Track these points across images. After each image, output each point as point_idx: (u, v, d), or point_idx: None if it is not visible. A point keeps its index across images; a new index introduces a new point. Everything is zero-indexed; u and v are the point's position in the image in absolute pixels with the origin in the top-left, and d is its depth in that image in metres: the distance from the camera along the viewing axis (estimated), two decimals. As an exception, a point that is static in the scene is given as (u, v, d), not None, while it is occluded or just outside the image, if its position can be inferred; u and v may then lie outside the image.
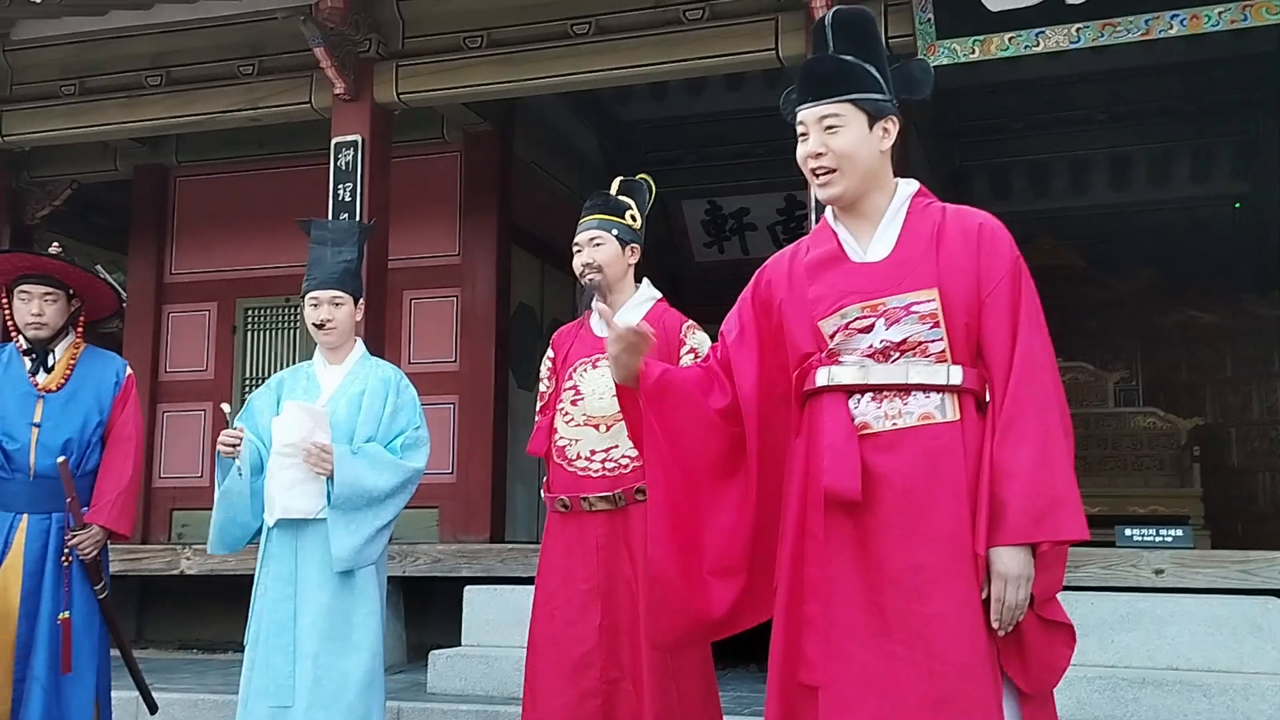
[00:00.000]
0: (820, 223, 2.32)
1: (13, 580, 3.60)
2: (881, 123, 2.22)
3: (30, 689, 3.57)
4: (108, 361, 3.93)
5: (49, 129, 7.30)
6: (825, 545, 2.11)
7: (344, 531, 3.35)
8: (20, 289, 3.76)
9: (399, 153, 6.98)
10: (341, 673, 3.32)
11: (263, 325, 8.38)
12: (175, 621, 7.63)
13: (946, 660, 2.00)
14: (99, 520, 3.68)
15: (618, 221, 3.37)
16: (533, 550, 5.95)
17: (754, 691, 5.05)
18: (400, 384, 3.63)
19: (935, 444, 2.09)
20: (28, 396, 3.71)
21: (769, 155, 9.38)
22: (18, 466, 3.68)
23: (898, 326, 2.13)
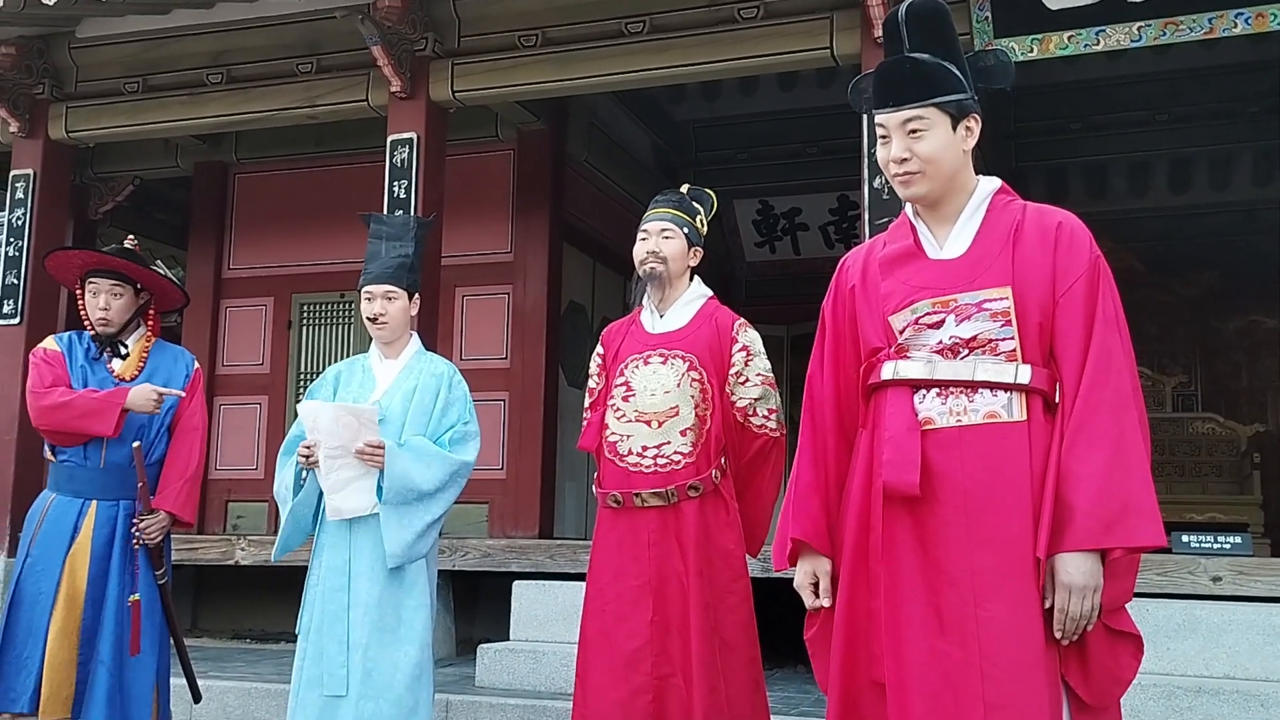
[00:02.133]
0: (899, 218, 2.30)
1: (81, 565, 3.69)
2: (965, 122, 2.19)
3: (95, 671, 3.64)
4: (178, 355, 4.04)
5: (112, 126, 7.44)
6: (884, 541, 2.10)
7: (396, 527, 3.37)
8: (90, 282, 3.87)
9: (453, 150, 7.04)
10: (391, 664, 3.34)
11: (318, 320, 8.49)
12: (229, 611, 7.75)
13: (1000, 665, 1.97)
14: (165, 506, 3.77)
15: (689, 221, 3.40)
16: (581, 546, 5.98)
17: (801, 692, 5.03)
18: (453, 379, 3.64)
19: (1000, 443, 2.06)
20: (106, 383, 3.81)
21: (822, 155, 9.36)
22: (90, 454, 3.77)
23: (968, 323, 2.11)
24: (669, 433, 3.20)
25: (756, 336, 3.34)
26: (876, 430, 2.14)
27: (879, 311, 2.20)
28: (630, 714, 3.06)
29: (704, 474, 3.18)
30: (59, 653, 3.61)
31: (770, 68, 6.62)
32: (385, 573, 3.39)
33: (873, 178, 5.43)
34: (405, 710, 3.33)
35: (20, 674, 3.61)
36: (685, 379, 3.23)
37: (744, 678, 3.08)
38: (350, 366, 3.73)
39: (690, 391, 3.22)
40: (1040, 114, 8.97)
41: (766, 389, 3.27)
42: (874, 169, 5.39)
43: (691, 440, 3.19)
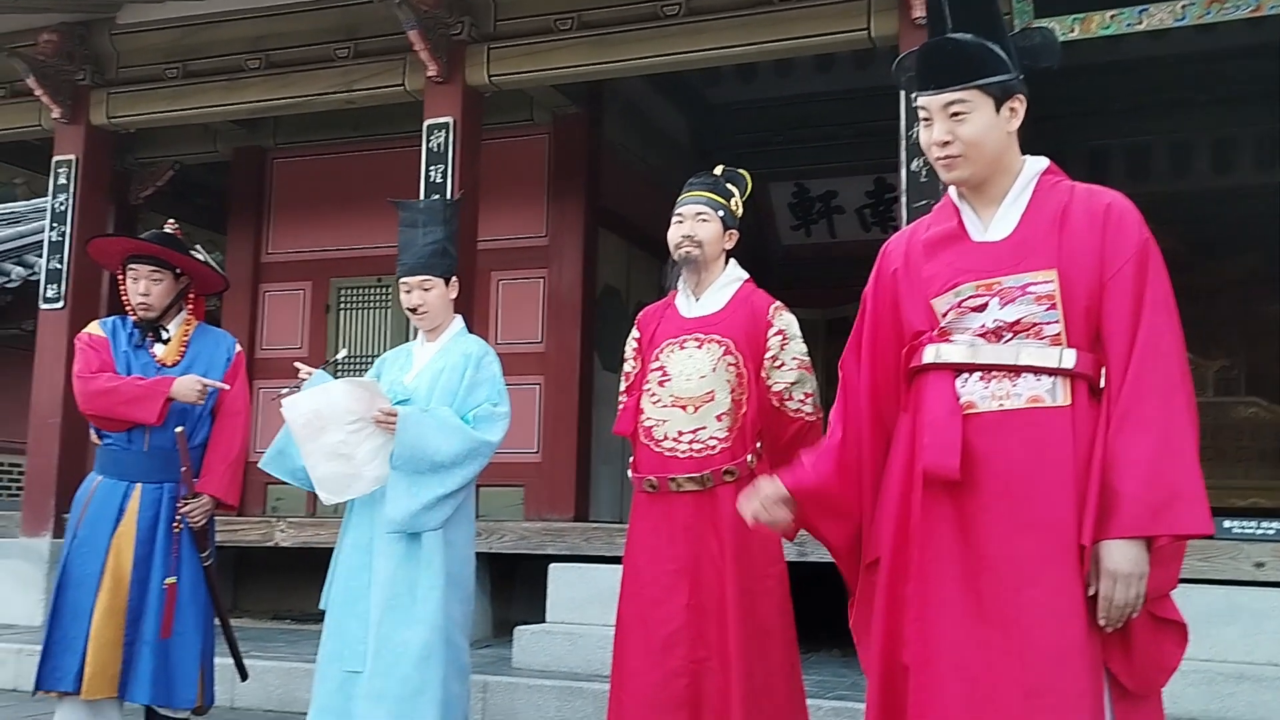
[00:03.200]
0: (943, 200, 2.28)
1: (126, 547, 3.75)
2: (1009, 103, 2.16)
3: (139, 651, 3.70)
4: (219, 339, 4.08)
5: (152, 111, 7.51)
6: (924, 525, 2.09)
7: (403, 493, 3.35)
8: (130, 268, 3.92)
9: (489, 135, 7.05)
10: (400, 642, 3.35)
11: (356, 304, 8.55)
12: (269, 592, 7.85)
13: (1039, 650, 1.95)
14: (209, 490, 3.82)
15: (724, 204, 3.38)
16: (617, 530, 6.00)
17: (837, 675, 5.03)
18: (482, 359, 3.61)
19: (1042, 428, 2.04)
20: (148, 368, 3.86)
21: (859, 137, 9.27)
22: (135, 438, 3.83)
23: (1012, 306, 2.08)
24: (705, 417, 3.20)
25: (793, 320, 3.33)
26: (917, 414, 2.13)
27: (922, 294, 2.18)
28: (666, 697, 3.07)
29: (740, 459, 3.17)
30: (104, 632, 3.67)
31: (807, 50, 6.58)
32: (402, 551, 3.40)
33: (910, 160, 5.39)
34: (412, 690, 3.32)
35: (66, 653, 3.67)
36: (721, 363, 3.22)
37: (780, 661, 3.08)
38: (396, 354, 3.77)
39: (726, 376, 3.22)
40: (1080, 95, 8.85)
41: (802, 373, 3.26)
42: (912, 151, 5.35)
43: (727, 425, 3.19)
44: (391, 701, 3.29)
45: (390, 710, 3.29)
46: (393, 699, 3.30)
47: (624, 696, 3.15)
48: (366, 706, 3.32)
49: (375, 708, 3.30)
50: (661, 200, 3.48)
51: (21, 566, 7.07)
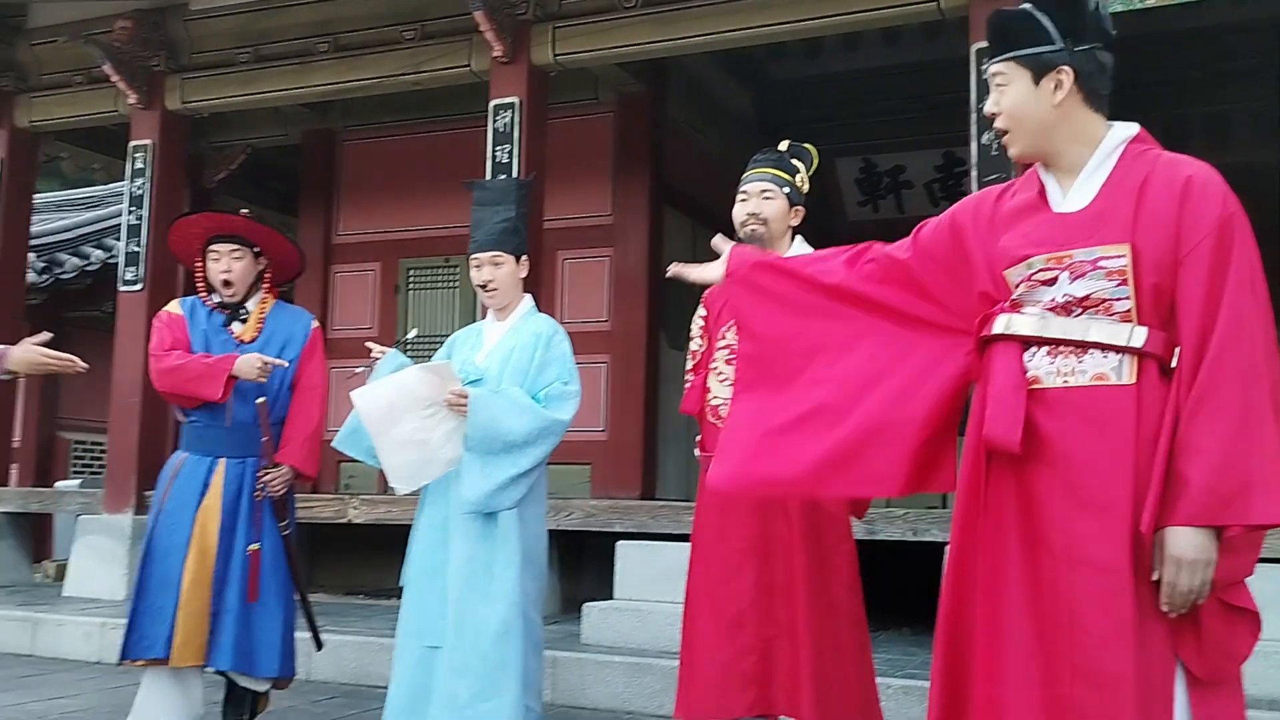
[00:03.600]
0: (1032, 167, 2.23)
1: (211, 519, 3.86)
2: (1051, 76, 2.11)
3: (223, 620, 3.81)
4: (296, 315, 4.18)
5: (225, 96, 7.64)
6: (990, 498, 2.08)
7: (477, 474, 3.38)
8: (211, 249, 4.01)
9: (554, 114, 7.07)
10: (479, 619, 3.39)
11: (424, 284, 8.64)
12: (343, 568, 8.00)
13: (1087, 630, 1.94)
14: (288, 460, 3.94)
15: (789, 180, 3.35)
16: (684, 508, 6.01)
17: (906, 654, 5.01)
18: (552, 339, 3.61)
19: (1105, 407, 2.00)
20: (227, 345, 3.96)
21: (927, 111, 9.15)
22: (217, 414, 3.93)
23: (1082, 281, 2.04)
24: (772, 395, 3.18)
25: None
26: (986, 386, 2.11)
27: (994, 264, 2.15)
28: (735, 675, 3.08)
29: (807, 436, 3.16)
30: (192, 602, 3.78)
31: (874, 23, 6.50)
32: (478, 529, 3.44)
33: (981, 133, 5.31)
34: (492, 665, 3.36)
35: (155, 623, 3.78)
36: (787, 341, 3.20)
37: (849, 640, 3.07)
38: (467, 332, 3.80)
39: (792, 353, 3.20)
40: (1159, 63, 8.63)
41: (870, 351, 3.23)
42: (983, 124, 5.26)
43: (794, 402, 3.17)
44: (473, 676, 3.35)
45: (472, 685, 3.34)
46: (474, 674, 3.35)
47: (693, 674, 3.17)
48: (449, 680, 3.37)
49: (457, 681, 3.35)
50: (726, 177, 3.47)
51: (104, 543, 7.28)
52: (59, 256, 10.43)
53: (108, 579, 7.17)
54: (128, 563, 7.14)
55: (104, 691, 5.17)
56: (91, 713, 4.68)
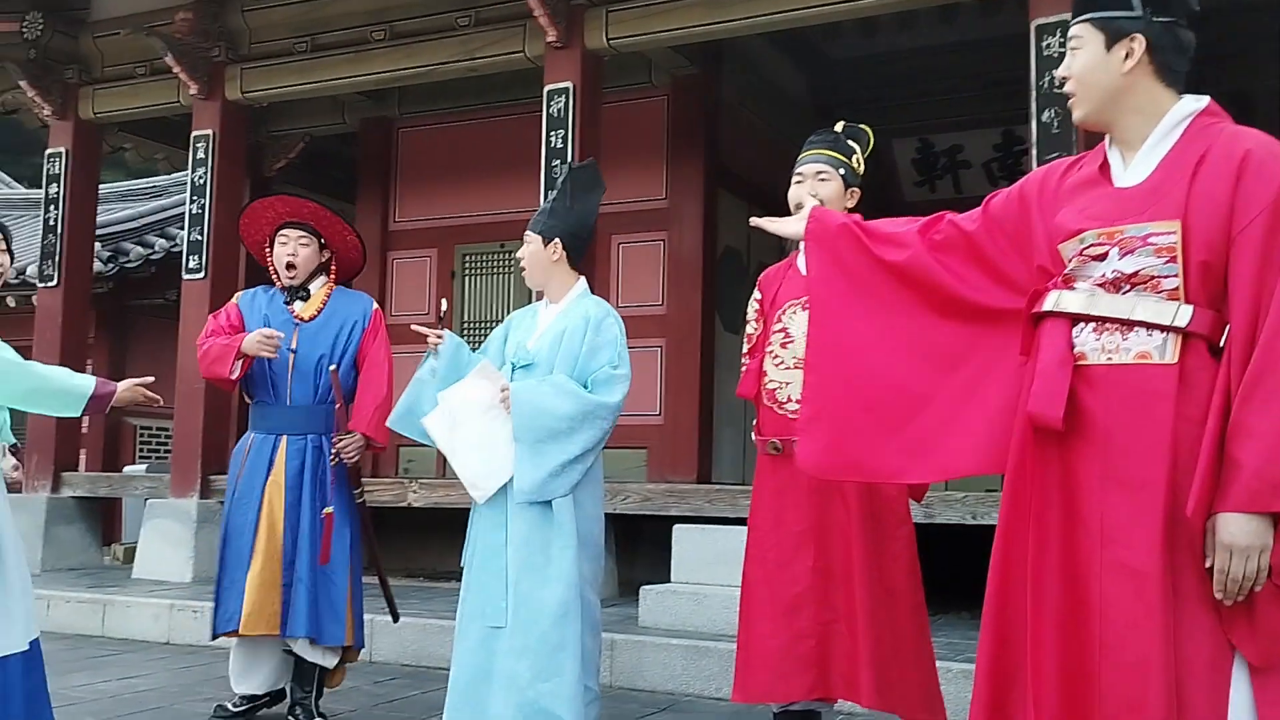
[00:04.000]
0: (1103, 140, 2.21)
1: (277, 494, 4.05)
2: (1123, 43, 2.07)
3: (295, 591, 4.00)
4: (357, 299, 4.36)
5: (283, 85, 7.74)
6: (1035, 475, 2.06)
7: (527, 464, 3.40)
8: (280, 234, 4.21)
9: (608, 98, 7.07)
10: (538, 601, 3.42)
11: (480, 270, 8.70)
12: (403, 550, 8.10)
13: (1117, 609, 1.93)
14: (359, 428, 4.11)
15: (844, 161, 3.31)
16: (740, 491, 6.01)
17: (966, 639, 4.97)
18: (602, 322, 3.60)
19: (1147, 386, 1.96)
20: (287, 324, 4.15)
21: (985, 89, 9.02)
22: (279, 394, 4.13)
23: (1131, 258, 2.01)
24: (829, 378, 3.16)
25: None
26: (1034, 361, 2.10)
27: (1050, 238, 2.13)
28: (793, 659, 3.08)
29: (864, 420, 3.13)
30: (262, 574, 3.98)
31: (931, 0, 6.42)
32: (535, 512, 3.46)
33: (1042, 111, 5.21)
34: (551, 646, 3.39)
35: (233, 598, 3.99)
36: (844, 323, 3.18)
37: (908, 624, 3.05)
38: (524, 314, 3.80)
39: (849, 336, 3.17)
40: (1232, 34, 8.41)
41: (928, 332, 3.20)
42: (1043, 101, 5.17)
43: (852, 386, 3.15)
44: (533, 657, 3.38)
45: (532, 665, 3.38)
46: (534, 654, 3.38)
47: (751, 657, 3.17)
48: (509, 661, 3.41)
49: (517, 662, 3.39)
50: (781, 159, 3.44)
51: (171, 526, 7.43)
52: (124, 245, 10.63)
53: (175, 561, 7.32)
54: (194, 545, 7.30)
55: (173, 671, 5.29)
56: (161, 692, 4.79)
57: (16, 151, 21.81)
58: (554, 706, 3.36)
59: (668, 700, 4.76)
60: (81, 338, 8.56)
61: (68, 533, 8.16)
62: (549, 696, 3.36)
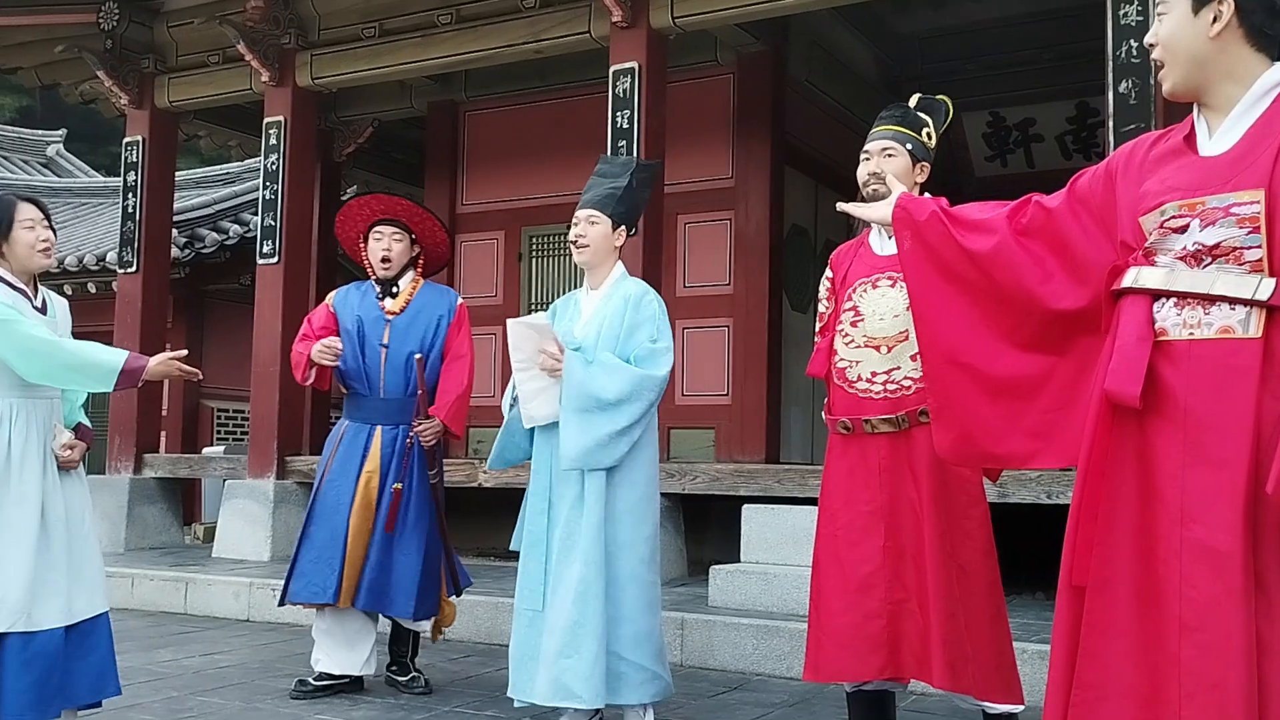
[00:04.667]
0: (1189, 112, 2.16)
1: (373, 480, 4.33)
2: (1211, 6, 2.01)
3: (391, 571, 4.27)
4: (443, 293, 4.59)
5: (352, 71, 7.82)
6: (1110, 451, 2.03)
7: (574, 431, 3.52)
8: (375, 230, 4.47)
9: (673, 78, 7.05)
10: (566, 580, 3.53)
11: (546, 252, 8.74)
12: (474, 530, 8.19)
13: (1197, 588, 1.89)
14: (438, 415, 4.37)
15: (913, 136, 3.27)
16: (809, 471, 5.98)
17: (1041, 619, 4.91)
18: (641, 299, 3.69)
19: (1229, 361, 1.91)
20: (379, 320, 4.41)
21: (1058, 60, 8.85)
22: (372, 386, 4.41)
23: (1212, 229, 1.96)
24: (899, 358, 3.13)
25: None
26: (1114, 338, 2.06)
27: (1133, 210, 2.08)
28: (864, 638, 3.06)
29: (936, 398, 3.10)
30: (355, 552, 4.26)
31: (1002, -29, 6.30)
32: (575, 492, 3.58)
33: (1119, 81, 5.08)
34: (571, 623, 3.50)
35: (325, 572, 4.24)
36: (916, 301, 3.14)
37: (983, 604, 3.02)
38: (565, 302, 3.91)
39: (921, 314, 3.14)
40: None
41: (1002, 309, 3.15)
42: (1120, 72, 5.05)
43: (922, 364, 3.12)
44: (559, 633, 3.49)
45: (558, 641, 3.48)
46: (559, 631, 3.49)
47: (822, 637, 3.15)
48: (546, 639, 3.53)
49: (549, 639, 3.51)
50: (850, 136, 3.42)
51: (249, 506, 7.59)
52: (199, 231, 10.85)
53: (253, 540, 7.48)
54: (271, 525, 7.45)
55: (253, 647, 5.42)
56: (242, 668, 4.91)
57: (94, 140, 22.34)
58: (573, 683, 3.44)
59: (739, 679, 4.77)
60: (160, 322, 8.76)
61: (150, 513, 8.38)
62: (569, 673, 3.45)
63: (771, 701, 4.34)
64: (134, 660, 5.02)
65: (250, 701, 4.24)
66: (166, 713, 4.06)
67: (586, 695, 3.43)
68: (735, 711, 4.17)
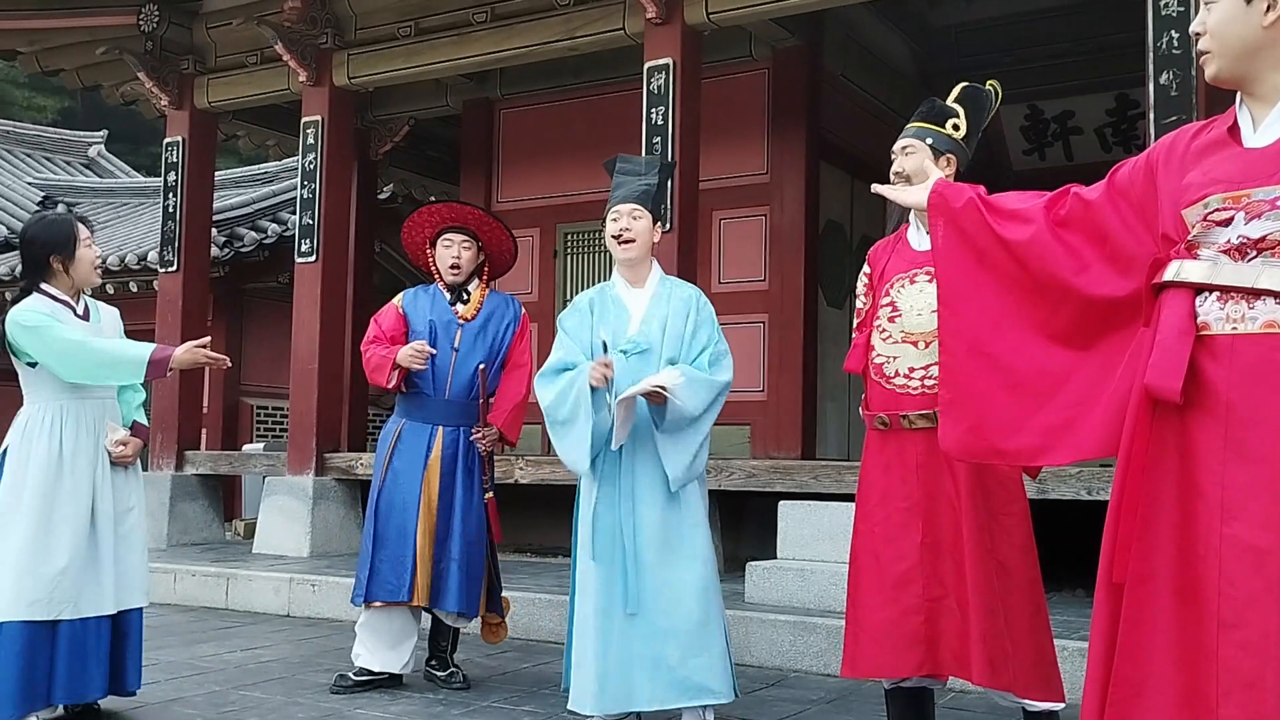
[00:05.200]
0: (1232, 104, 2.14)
1: (435, 477, 4.41)
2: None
3: (448, 567, 4.34)
4: (509, 301, 4.69)
5: (389, 70, 7.87)
6: (1150, 446, 2.01)
7: (673, 451, 3.54)
8: (444, 238, 4.54)
9: (708, 74, 7.03)
10: (678, 582, 3.51)
11: (581, 249, 8.76)
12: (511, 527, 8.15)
13: (1236, 584, 1.87)
14: (497, 423, 4.48)
15: (934, 130, 3.24)
16: (845, 467, 5.96)
17: (1081, 616, 4.87)
18: (699, 301, 3.76)
19: (1274, 356, 1.90)
20: (451, 324, 4.49)
21: (1097, 52, 8.75)
22: (439, 388, 4.46)
23: (1258, 222, 1.93)
24: (936, 353, 3.11)
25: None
26: (1155, 333, 2.03)
27: (1174, 202, 2.06)
28: (901, 635, 3.05)
29: (975, 394, 3.08)
30: (424, 549, 4.33)
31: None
32: (664, 496, 3.55)
33: (1160, 73, 5.02)
34: (697, 623, 3.48)
35: (399, 570, 4.31)
36: (953, 297, 3.13)
37: (1023, 601, 3.00)
38: (600, 296, 3.82)
39: (959, 310, 3.12)
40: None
41: (1041, 304, 3.13)
42: (1161, 63, 4.99)
43: (961, 360, 3.10)
44: (681, 636, 3.47)
45: (680, 645, 3.46)
46: (681, 634, 3.47)
47: (860, 633, 3.15)
48: (652, 645, 3.46)
49: (664, 645, 3.46)
50: (884, 130, 3.40)
51: (289, 502, 7.66)
52: (238, 231, 10.95)
53: (293, 536, 7.55)
54: (310, 521, 7.51)
55: (293, 642, 5.47)
56: (283, 663, 4.96)
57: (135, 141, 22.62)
58: (707, 681, 3.46)
59: (776, 675, 4.76)
60: (201, 320, 8.85)
61: (191, 509, 8.48)
62: (702, 672, 3.46)
63: (809, 698, 4.34)
64: (176, 655, 5.09)
65: (291, 696, 4.28)
66: (209, 706, 4.11)
67: (723, 690, 3.49)
68: (773, 708, 4.16)
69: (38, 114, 24.94)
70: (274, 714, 4.00)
